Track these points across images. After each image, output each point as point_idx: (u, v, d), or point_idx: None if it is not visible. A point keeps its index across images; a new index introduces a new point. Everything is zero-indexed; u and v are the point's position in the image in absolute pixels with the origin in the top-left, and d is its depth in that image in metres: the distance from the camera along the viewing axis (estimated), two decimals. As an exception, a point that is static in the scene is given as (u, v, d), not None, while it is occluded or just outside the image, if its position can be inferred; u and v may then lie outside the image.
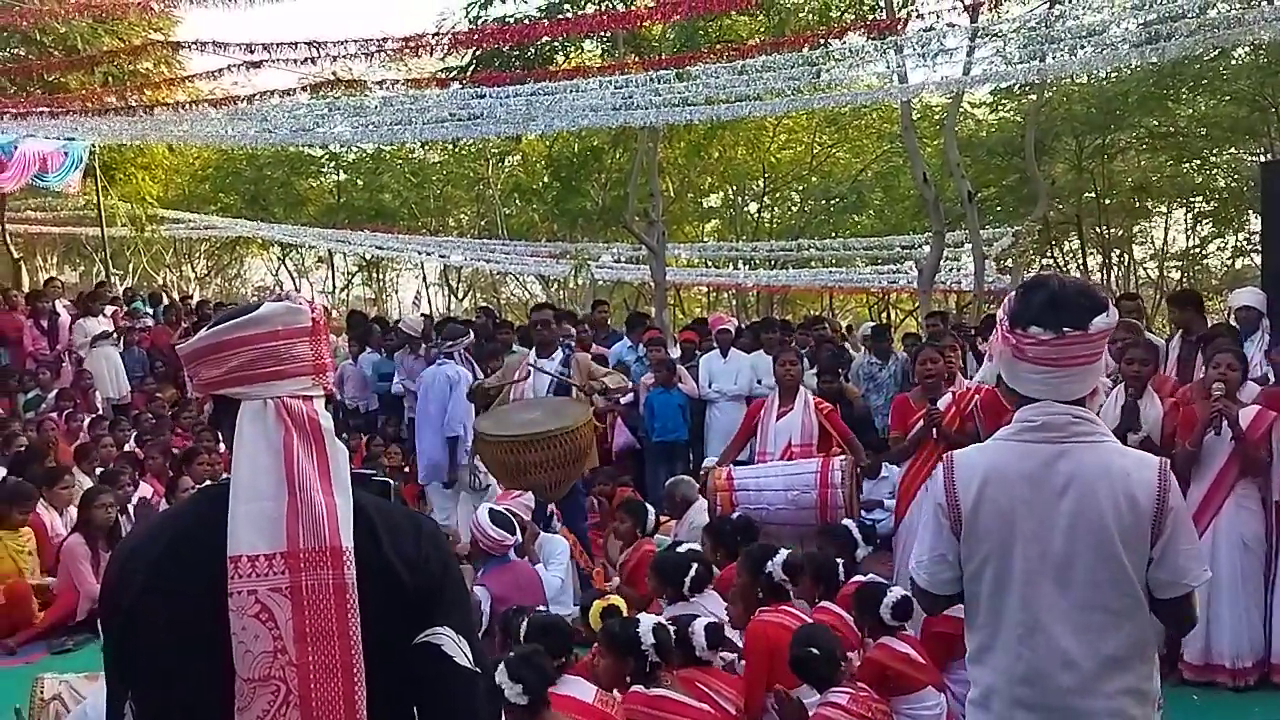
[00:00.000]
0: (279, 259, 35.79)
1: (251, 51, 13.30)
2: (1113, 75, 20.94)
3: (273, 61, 13.49)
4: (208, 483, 6.93)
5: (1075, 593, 2.56)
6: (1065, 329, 2.53)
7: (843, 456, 7.08)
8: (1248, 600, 5.95)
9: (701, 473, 7.99)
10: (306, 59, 13.46)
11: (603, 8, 19.44)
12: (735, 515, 6.64)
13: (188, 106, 15.82)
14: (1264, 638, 6.01)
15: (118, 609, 1.86)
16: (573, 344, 8.89)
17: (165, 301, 17.51)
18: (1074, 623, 2.56)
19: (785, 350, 8.26)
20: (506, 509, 6.43)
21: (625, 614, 4.96)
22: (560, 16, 18.81)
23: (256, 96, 14.92)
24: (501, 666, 3.83)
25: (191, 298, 21.91)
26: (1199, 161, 25.12)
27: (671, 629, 4.59)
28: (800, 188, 29.61)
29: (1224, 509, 5.99)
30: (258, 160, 28.33)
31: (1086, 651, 2.55)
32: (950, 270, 21.31)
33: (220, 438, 2.11)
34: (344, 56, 13.61)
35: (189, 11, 16.29)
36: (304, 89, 14.94)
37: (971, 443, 3.02)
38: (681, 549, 5.85)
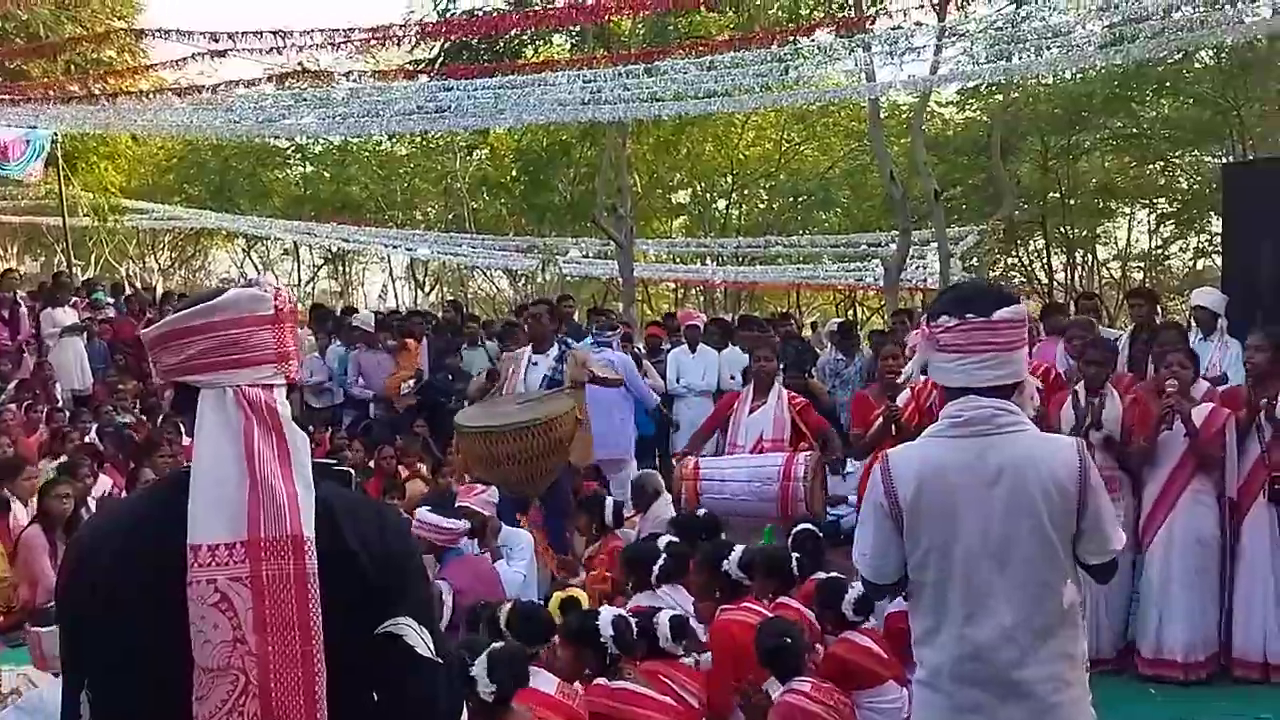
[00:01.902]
0: (244, 251, 35.51)
1: (216, 40, 13.19)
2: (1078, 76, 21.13)
3: (238, 51, 13.37)
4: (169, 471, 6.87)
5: (1013, 572, 2.75)
6: (969, 315, 2.76)
7: (809, 452, 7.11)
8: (1203, 595, 6.04)
9: (674, 461, 8.04)
10: (272, 49, 13.34)
11: (572, 2, 19.40)
12: (700, 510, 6.66)
13: (151, 96, 15.67)
14: (1218, 632, 6.10)
15: (74, 596, 1.85)
16: (570, 341, 8.85)
17: (128, 292, 17.33)
18: (1012, 599, 2.75)
19: (762, 345, 8.28)
20: (463, 504, 6.42)
21: (585, 606, 4.96)
22: (529, 10, 18.78)
23: (221, 86, 14.79)
24: (483, 658, 3.83)
25: (155, 289, 21.70)
26: (1162, 163, 25.42)
27: (633, 621, 4.60)
28: (768, 185, 29.68)
29: (1179, 505, 6.09)
30: (223, 151, 28.04)
31: (1025, 626, 2.75)
32: (916, 268, 21.44)
33: (182, 428, 2.11)
34: (310, 47, 13.56)
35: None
36: (270, 79, 14.84)
37: None
38: (661, 541, 5.86)
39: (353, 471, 2.25)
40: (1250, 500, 6.06)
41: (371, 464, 9.57)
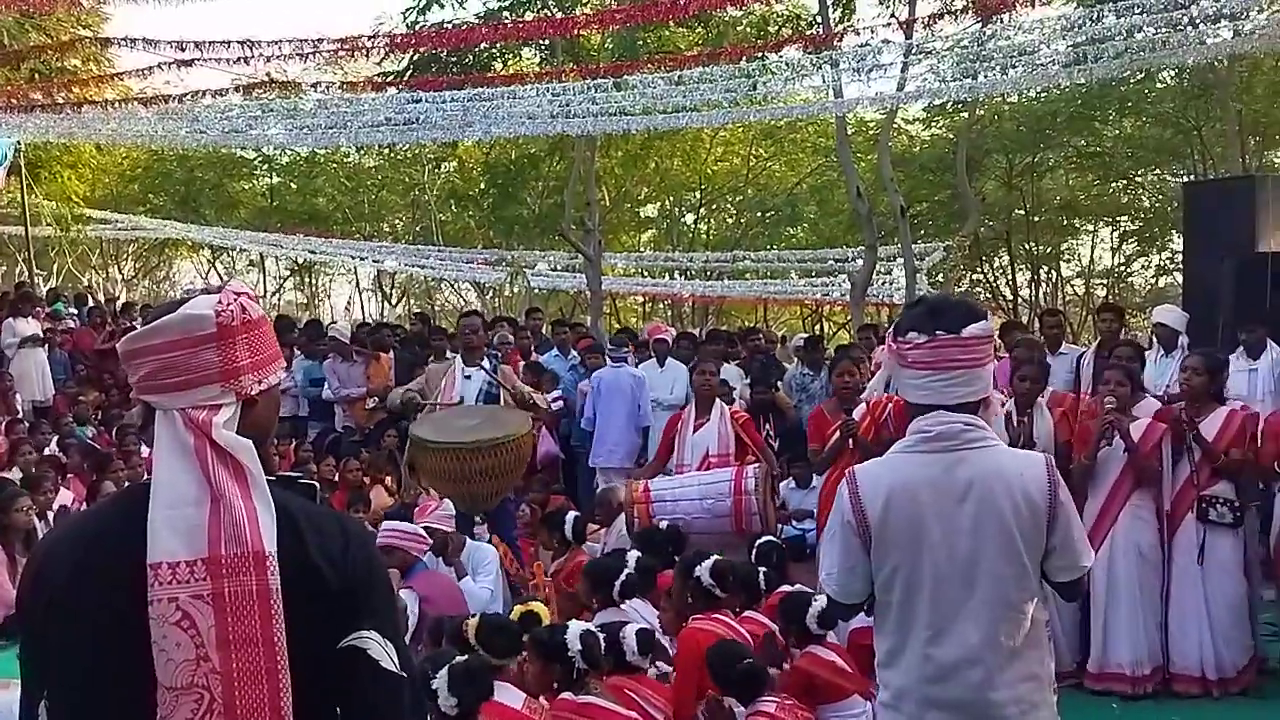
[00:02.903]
0: (209, 262, 35.25)
1: (182, 49, 13.12)
2: (1042, 95, 21.38)
3: (204, 60, 13.30)
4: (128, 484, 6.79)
5: (981, 590, 2.69)
6: (939, 332, 2.71)
7: (757, 464, 7.14)
8: (1144, 608, 6.12)
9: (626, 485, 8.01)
10: (239, 58, 13.29)
11: (541, 15, 19.43)
12: (662, 523, 6.66)
13: (116, 105, 15.54)
14: (1161, 645, 6.18)
15: (34, 611, 1.83)
16: (499, 353, 8.84)
17: (90, 303, 17.16)
18: (980, 619, 2.69)
19: (703, 360, 8.29)
20: (423, 524, 6.39)
21: (545, 621, 4.94)
22: (498, 23, 18.79)
23: (188, 96, 14.70)
24: (444, 672, 3.81)
25: (118, 299, 21.49)
26: (1124, 181, 25.73)
27: (601, 636, 4.59)
28: (736, 199, 29.82)
29: (1120, 519, 6.17)
30: (189, 161, 27.88)
31: (991, 646, 2.69)
32: (882, 284, 21.56)
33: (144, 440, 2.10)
34: (278, 57, 13.48)
35: (118, 8, 16.06)
36: (237, 89, 14.76)
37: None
38: (630, 556, 5.84)
39: (318, 485, 2.23)
40: (1180, 519, 6.16)
41: (337, 477, 9.52)
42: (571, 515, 7.17)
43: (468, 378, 7.78)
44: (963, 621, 2.70)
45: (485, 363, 7.85)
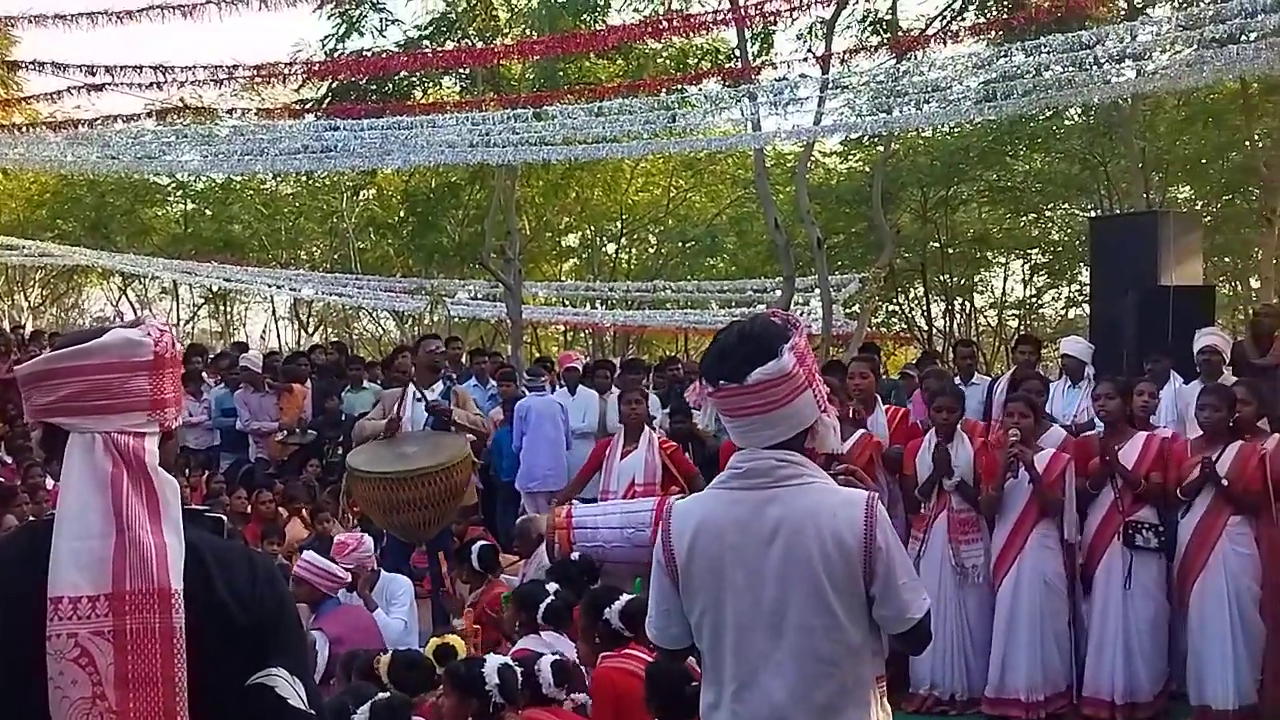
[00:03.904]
0: (120, 289, 34.49)
1: (93, 74, 12.88)
2: (955, 130, 21.86)
3: (115, 85, 13.07)
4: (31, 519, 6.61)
5: (788, 641, 2.45)
6: (721, 382, 2.49)
7: (680, 495, 7.14)
8: (1046, 637, 6.24)
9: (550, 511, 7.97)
10: (152, 83, 13.08)
11: (462, 44, 19.42)
12: (577, 555, 6.63)
13: (24, 129, 15.20)
14: (1069, 672, 6.31)
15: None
16: (453, 375, 8.78)
17: (-6, 331, 16.68)
18: (786, 673, 2.44)
19: (631, 389, 8.31)
20: (340, 560, 6.30)
21: (461, 653, 4.89)
22: (417, 51, 18.73)
23: (99, 121, 14.43)
24: (365, 709, 3.75)
25: (24, 327, 20.91)
26: (1035, 215, 26.32)
27: (518, 669, 4.55)
28: (657, 230, 29.97)
29: (1026, 548, 6.30)
30: (99, 186, 27.27)
31: (798, 703, 2.44)
32: (800, 314, 21.73)
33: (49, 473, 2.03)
34: (192, 82, 13.31)
35: (27, 31, 15.67)
36: (150, 114, 14.52)
37: None
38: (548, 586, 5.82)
39: (225, 518, 2.19)
40: (1104, 545, 6.28)
41: (250, 509, 9.35)
42: (477, 546, 7.12)
43: (419, 400, 7.70)
44: (768, 675, 2.45)
45: (440, 385, 7.79)
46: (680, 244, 28.72)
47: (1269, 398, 6.70)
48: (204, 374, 11.94)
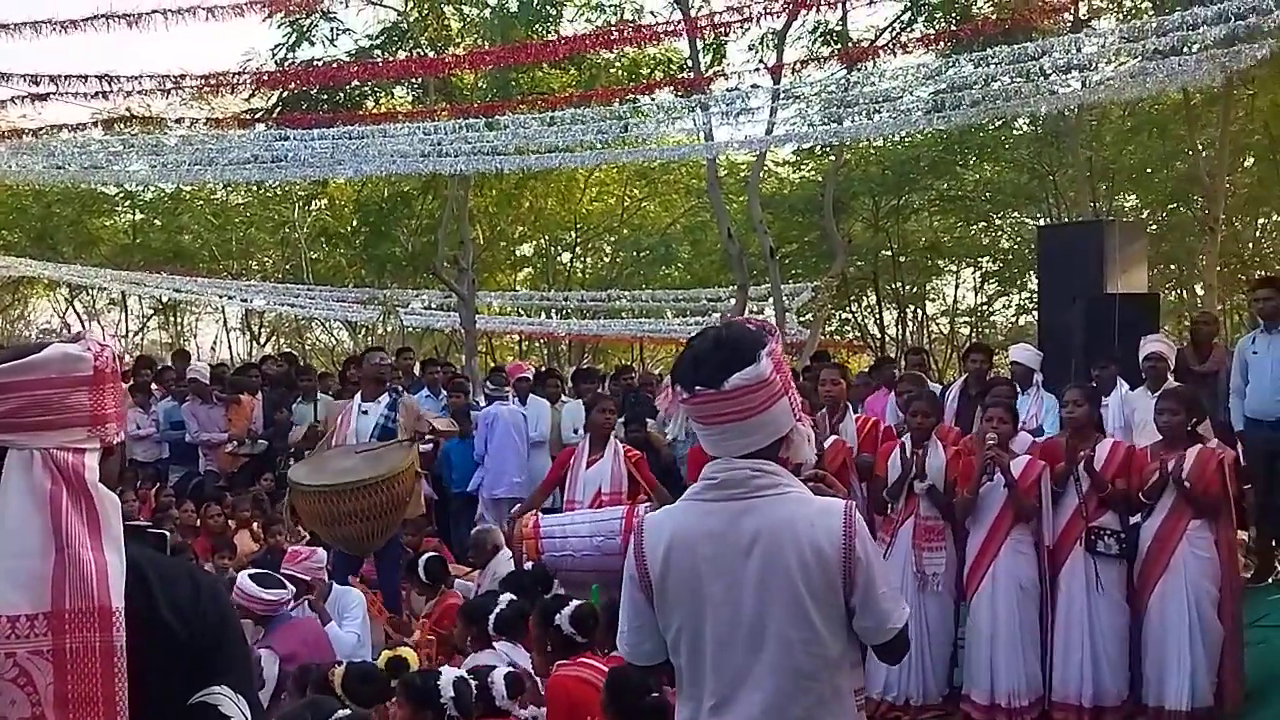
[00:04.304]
0: (67, 300, 33.98)
1: (36, 83, 12.69)
2: (906, 140, 22.10)
3: (60, 94, 12.90)
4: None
5: (768, 655, 2.41)
6: (698, 388, 2.43)
7: (649, 503, 7.14)
8: (1024, 642, 6.26)
9: (509, 521, 7.95)
10: (98, 93, 12.92)
11: (414, 54, 19.36)
12: (533, 564, 6.62)
13: (-34, 139, 14.96)
14: (1042, 677, 6.34)
15: None
16: (399, 388, 8.74)
17: (-64, 344, 16.38)
18: (765, 687, 2.40)
19: (602, 398, 8.30)
20: (289, 571, 6.23)
21: (414, 665, 4.86)
22: (369, 61, 18.65)
23: (44, 130, 14.23)
24: None
25: (-33, 340, 20.58)
26: (985, 224, 26.63)
27: (472, 681, 4.53)
28: (611, 239, 30.00)
29: (1001, 554, 6.30)
30: (45, 196, 26.85)
31: (774, 716, 2.40)
32: (755, 323, 21.82)
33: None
34: (139, 92, 13.16)
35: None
36: (96, 124, 14.34)
37: None
38: (502, 598, 5.79)
39: (168, 534, 2.17)
40: (1068, 550, 6.30)
41: (199, 522, 9.24)
42: (424, 558, 7.09)
43: (364, 413, 7.66)
44: (748, 690, 2.41)
45: (385, 398, 7.75)
46: (635, 253, 28.77)
47: (1206, 404, 6.80)
48: (152, 386, 11.79)
